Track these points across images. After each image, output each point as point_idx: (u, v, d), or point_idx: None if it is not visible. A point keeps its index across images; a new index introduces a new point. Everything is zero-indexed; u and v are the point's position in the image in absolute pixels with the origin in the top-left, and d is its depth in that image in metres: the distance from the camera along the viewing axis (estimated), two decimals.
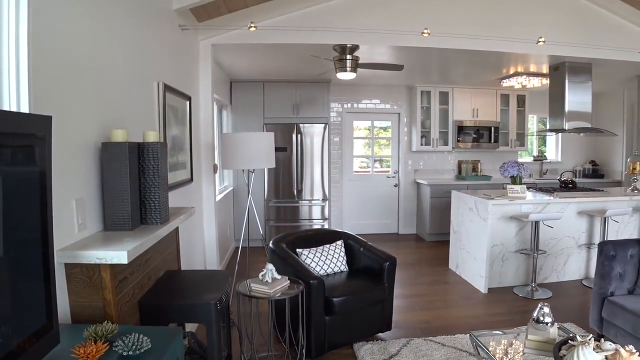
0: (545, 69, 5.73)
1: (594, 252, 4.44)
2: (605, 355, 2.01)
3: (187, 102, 3.70)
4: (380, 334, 3.63)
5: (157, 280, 2.37)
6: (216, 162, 4.55)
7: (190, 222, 3.70)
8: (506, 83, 6.42)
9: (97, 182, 2.09)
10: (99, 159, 2.09)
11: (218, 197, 4.95)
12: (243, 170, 3.91)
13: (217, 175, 4.70)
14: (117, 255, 1.74)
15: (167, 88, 3.12)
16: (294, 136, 6.56)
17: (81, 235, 1.94)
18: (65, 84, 1.86)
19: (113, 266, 1.82)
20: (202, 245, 4.19)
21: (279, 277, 2.97)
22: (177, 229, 2.78)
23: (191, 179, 3.72)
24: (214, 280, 2.42)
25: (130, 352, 1.42)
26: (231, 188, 6.49)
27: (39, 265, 1.32)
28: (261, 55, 5.06)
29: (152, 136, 2.25)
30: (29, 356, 1.24)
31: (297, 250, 3.65)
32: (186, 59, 3.84)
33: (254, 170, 3.82)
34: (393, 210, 7.65)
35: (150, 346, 1.46)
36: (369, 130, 7.71)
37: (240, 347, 3.05)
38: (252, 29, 3.83)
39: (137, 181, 2.16)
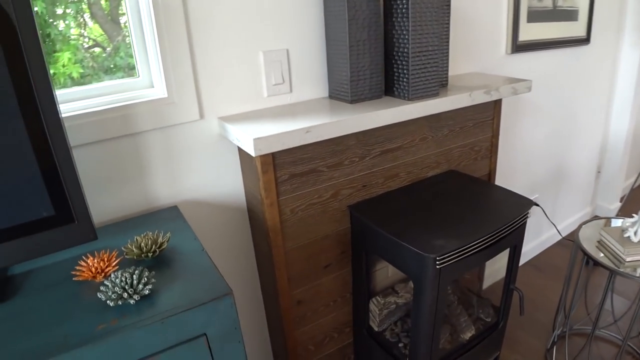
0: None
1: None
2: None
3: None
4: None
5: (413, 182, 1.53)
6: None
7: (582, 102, 2.38)
8: None
9: (320, 26, 1.36)
10: None
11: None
12: None
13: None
14: (247, 140, 1.07)
15: None
16: None
17: (281, 100, 1.34)
18: None
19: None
20: (595, 142, 2.73)
21: None
22: (498, 111, 1.71)
23: (587, 39, 2.28)
24: (499, 207, 1.36)
25: (110, 301, 0.84)
26: None
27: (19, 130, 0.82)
28: None
29: None
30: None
31: None
32: None
33: None
34: None
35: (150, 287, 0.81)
36: None
37: (554, 320, 1.86)
38: None
39: (375, 27, 1.28)
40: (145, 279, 0.87)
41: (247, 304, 1.51)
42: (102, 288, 0.86)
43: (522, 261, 2.51)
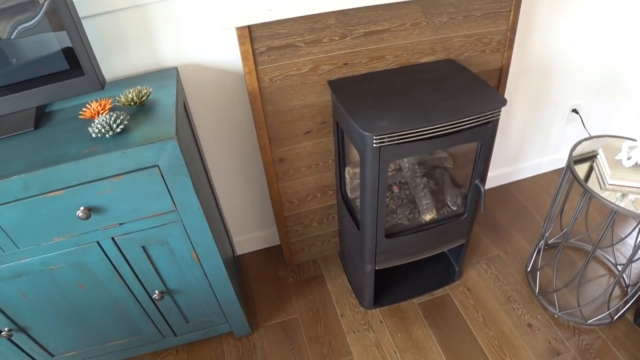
0: None
1: None
2: None
3: None
4: None
5: (403, 66, 1.55)
6: None
7: None
8: None
9: None
10: None
11: None
12: None
13: None
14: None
15: None
16: None
17: None
18: None
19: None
20: None
21: None
22: (517, 4, 1.57)
23: None
24: (472, 102, 1.35)
25: (94, 134, 1.12)
26: None
27: None
28: None
29: None
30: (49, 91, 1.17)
31: None
32: None
33: None
34: None
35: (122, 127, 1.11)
36: None
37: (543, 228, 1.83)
38: None
39: None
40: (119, 121, 1.13)
41: (248, 155, 1.75)
42: (92, 124, 1.15)
43: (556, 166, 2.43)
